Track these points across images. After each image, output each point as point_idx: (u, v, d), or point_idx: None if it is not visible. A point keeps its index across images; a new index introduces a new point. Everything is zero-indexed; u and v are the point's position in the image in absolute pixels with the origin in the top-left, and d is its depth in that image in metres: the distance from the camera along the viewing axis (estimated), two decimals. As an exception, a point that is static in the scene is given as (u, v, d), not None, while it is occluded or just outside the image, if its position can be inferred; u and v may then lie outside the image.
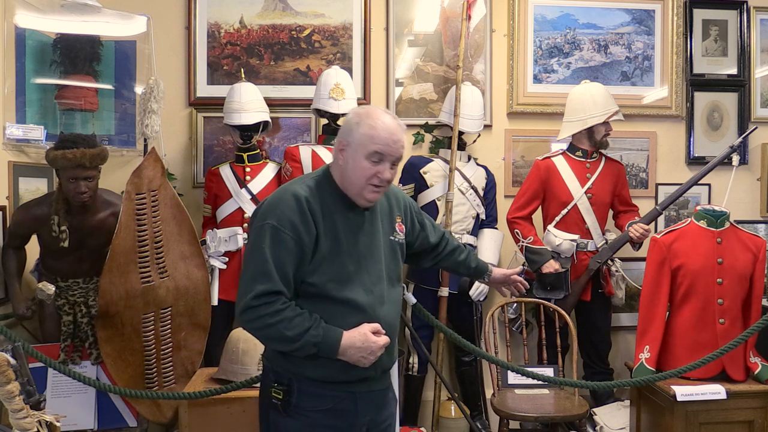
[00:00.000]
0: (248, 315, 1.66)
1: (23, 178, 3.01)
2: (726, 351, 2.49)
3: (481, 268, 2.22)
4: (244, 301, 1.66)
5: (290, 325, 1.65)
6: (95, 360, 2.88)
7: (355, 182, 1.75)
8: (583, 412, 2.79)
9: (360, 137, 1.73)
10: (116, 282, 2.80)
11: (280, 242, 1.67)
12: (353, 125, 1.75)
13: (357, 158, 1.73)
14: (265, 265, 1.66)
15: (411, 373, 3.30)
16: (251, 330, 1.72)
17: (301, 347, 1.66)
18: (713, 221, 2.69)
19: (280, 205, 1.71)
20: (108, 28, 3.28)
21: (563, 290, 3.21)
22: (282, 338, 1.66)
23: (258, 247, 1.68)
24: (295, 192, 1.72)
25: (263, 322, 1.65)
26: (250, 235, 1.75)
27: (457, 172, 3.30)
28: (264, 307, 1.64)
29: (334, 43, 3.63)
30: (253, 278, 1.66)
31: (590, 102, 3.27)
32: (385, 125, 1.73)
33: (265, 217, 1.70)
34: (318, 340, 1.66)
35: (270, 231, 1.67)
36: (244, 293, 1.67)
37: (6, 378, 1.46)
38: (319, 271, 1.72)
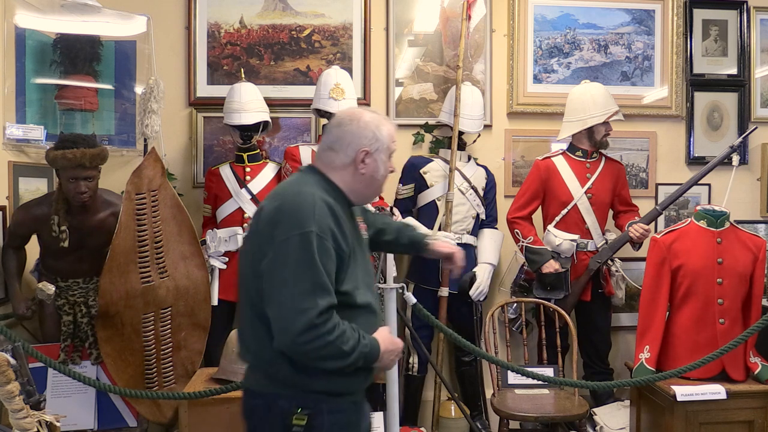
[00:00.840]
0: (310, 335, 1.53)
1: (23, 178, 3.01)
2: (726, 351, 2.49)
3: (418, 242, 2.17)
4: (305, 319, 1.53)
5: (345, 338, 1.58)
6: (95, 360, 2.88)
7: (378, 183, 1.78)
8: (583, 412, 2.80)
9: (386, 138, 1.75)
10: (116, 282, 2.80)
11: (324, 251, 1.58)
12: (374, 130, 1.74)
13: (385, 161, 1.77)
14: (322, 277, 1.56)
15: (411, 373, 3.30)
16: (310, 350, 1.55)
17: (354, 360, 1.60)
18: (713, 221, 2.70)
19: (317, 211, 1.61)
20: (108, 28, 3.27)
21: (563, 290, 3.21)
22: (339, 354, 1.57)
23: (310, 257, 1.56)
24: (323, 198, 1.65)
25: (324, 340, 1.54)
26: (288, 243, 1.57)
27: (457, 172, 3.30)
28: (326, 323, 1.55)
29: (334, 43, 3.63)
30: (313, 292, 1.54)
31: (590, 102, 3.27)
32: (391, 123, 1.81)
33: (305, 225, 1.58)
34: (367, 350, 1.63)
35: (316, 240, 1.57)
36: (303, 311, 1.53)
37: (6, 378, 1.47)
38: (349, 277, 1.66)
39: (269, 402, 1.66)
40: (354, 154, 1.73)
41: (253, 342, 1.68)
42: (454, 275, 2.27)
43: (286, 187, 1.76)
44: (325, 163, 1.77)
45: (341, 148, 1.75)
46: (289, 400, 1.63)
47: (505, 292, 3.56)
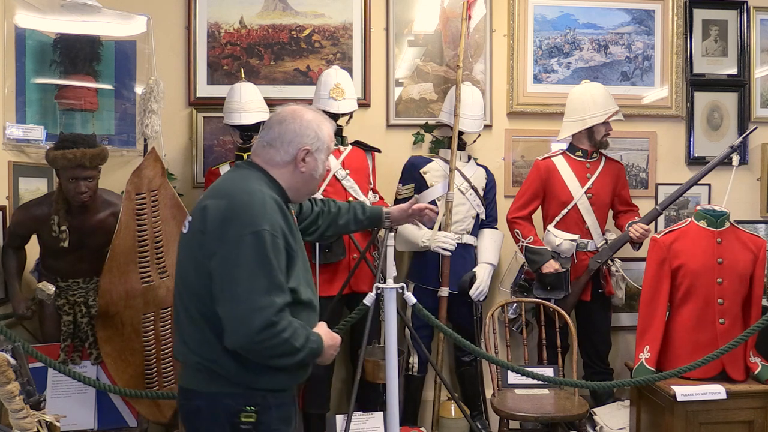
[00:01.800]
0: (269, 332, 1.54)
1: (23, 178, 3.01)
2: (726, 351, 2.49)
3: (376, 217, 2.26)
4: (263, 317, 1.53)
5: (297, 335, 1.60)
6: (95, 360, 2.88)
7: (315, 183, 1.82)
8: (583, 412, 2.80)
9: (326, 139, 1.80)
10: (116, 282, 2.80)
11: (277, 249, 1.60)
12: (315, 130, 1.77)
13: (324, 160, 1.81)
14: (277, 275, 1.58)
15: (411, 373, 3.30)
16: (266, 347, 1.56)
17: (303, 357, 1.63)
18: (713, 221, 2.70)
19: (268, 209, 1.62)
20: (108, 28, 3.27)
21: (563, 290, 3.21)
22: (292, 351, 1.60)
23: (264, 256, 1.57)
24: (272, 195, 1.67)
25: (281, 338, 1.56)
26: (241, 242, 1.57)
27: (457, 172, 3.30)
28: (283, 322, 1.57)
29: (334, 43, 3.63)
30: (269, 291, 1.56)
31: (590, 102, 3.27)
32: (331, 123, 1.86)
33: (257, 223, 1.59)
34: (315, 347, 1.66)
35: (269, 238, 1.59)
36: (260, 309, 1.54)
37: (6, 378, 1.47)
38: (293, 276, 1.68)
39: (213, 402, 1.65)
40: (295, 152, 1.75)
41: (194, 341, 1.67)
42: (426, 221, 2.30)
43: (231, 184, 1.72)
44: (265, 160, 1.77)
45: (282, 146, 1.75)
46: (235, 398, 1.63)
47: (505, 292, 3.56)
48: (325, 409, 3.24)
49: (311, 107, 1.87)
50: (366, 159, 3.33)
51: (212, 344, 1.62)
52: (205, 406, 1.65)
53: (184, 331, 1.71)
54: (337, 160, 3.18)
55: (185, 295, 1.69)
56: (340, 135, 3.28)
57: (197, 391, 1.67)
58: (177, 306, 1.73)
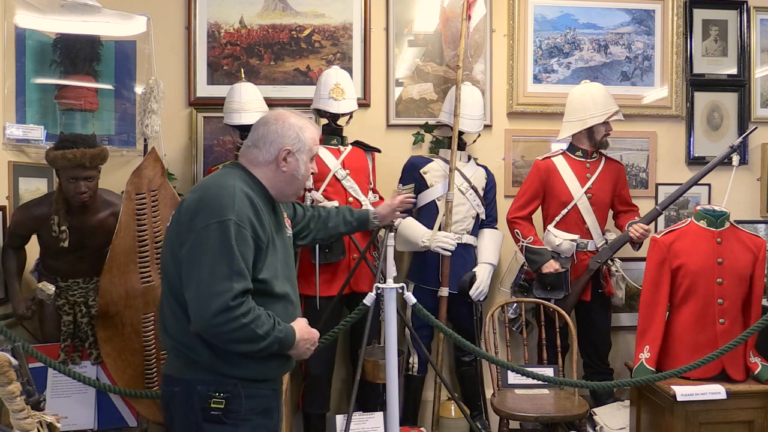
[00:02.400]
0: (223, 317, 1.60)
1: (23, 178, 3.01)
2: (726, 351, 2.49)
3: (363, 218, 2.37)
4: (219, 301, 1.60)
5: (260, 323, 1.66)
6: (95, 360, 2.88)
7: (299, 184, 1.89)
8: (583, 412, 2.80)
9: (308, 141, 1.87)
10: (116, 282, 2.80)
11: (242, 239, 1.67)
12: (297, 132, 1.86)
13: (306, 162, 1.88)
14: (239, 263, 1.65)
15: (411, 373, 3.30)
16: (223, 332, 1.63)
17: (268, 345, 1.68)
18: (713, 221, 2.70)
19: (236, 202, 1.70)
20: (108, 28, 3.27)
21: (563, 290, 3.21)
22: (253, 338, 1.65)
23: (227, 244, 1.65)
24: (243, 189, 1.75)
25: (238, 323, 1.62)
26: (207, 231, 1.66)
27: (457, 172, 3.30)
28: (240, 306, 1.63)
29: (334, 43, 3.63)
30: (229, 277, 1.63)
31: (590, 102, 3.27)
32: (316, 127, 1.95)
33: (223, 213, 1.67)
34: (282, 336, 1.71)
35: (234, 227, 1.66)
36: (218, 294, 1.60)
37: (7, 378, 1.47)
38: (265, 268, 1.75)
39: (188, 387, 1.72)
40: (276, 152, 1.84)
41: (173, 327, 1.75)
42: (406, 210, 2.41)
43: (209, 180, 1.86)
44: (249, 160, 1.87)
45: (264, 146, 1.85)
46: (207, 385, 1.70)
47: (505, 292, 3.56)
48: (325, 409, 3.24)
49: (298, 113, 1.95)
50: (366, 159, 3.33)
51: (186, 330, 1.70)
52: (181, 391, 1.73)
53: (165, 319, 1.79)
54: (337, 160, 3.18)
55: (165, 285, 1.79)
56: (340, 135, 3.28)
57: (175, 377, 1.76)
58: (161, 297, 1.82)
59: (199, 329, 1.65)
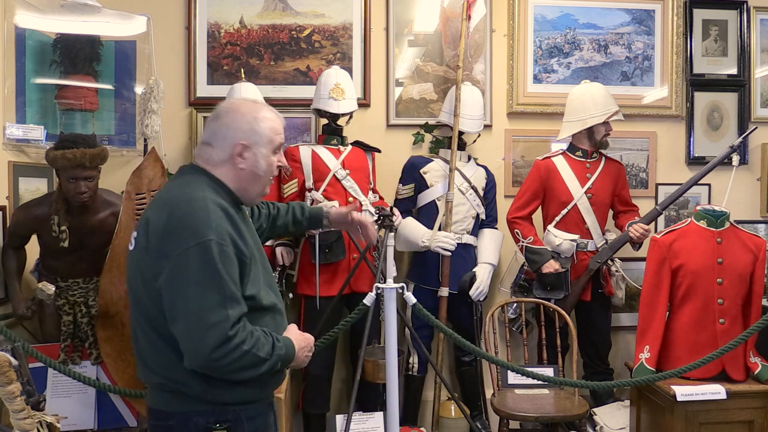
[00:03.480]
0: (225, 348, 1.46)
1: (23, 178, 3.01)
2: (726, 351, 2.49)
3: (316, 216, 2.19)
4: (218, 333, 1.45)
5: (260, 345, 1.52)
6: (95, 360, 2.88)
7: (263, 182, 1.68)
8: (583, 412, 2.80)
9: (265, 131, 1.65)
10: (116, 282, 2.80)
11: (227, 259, 1.50)
12: (251, 123, 1.65)
13: (267, 155, 1.66)
14: (229, 286, 1.49)
15: (411, 373, 3.30)
16: (225, 364, 1.48)
17: (272, 366, 1.56)
18: (713, 221, 2.70)
19: (212, 217, 1.51)
20: (108, 28, 3.27)
21: (563, 290, 3.21)
22: (256, 363, 1.52)
23: (212, 267, 1.47)
24: (215, 200, 1.56)
25: (240, 351, 1.48)
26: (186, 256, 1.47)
27: (457, 172, 3.30)
28: (239, 334, 1.48)
29: (334, 43, 3.63)
30: (222, 304, 1.46)
31: (590, 102, 3.27)
32: (275, 114, 1.70)
33: (201, 233, 1.48)
34: (283, 353, 1.58)
35: (216, 248, 1.48)
36: (215, 325, 1.45)
37: (8, 378, 1.46)
38: (251, 282, 1.59)
39: (185, 420, 1.57)
40: (231, 148, 1.64)
41: (157, 363, 1.59)
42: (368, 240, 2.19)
43: (172, 192, 1.62)
44: (205, 160, 1.67)
45: (217, 143, 1.65)
46: (205, 416, 1.56)
47: (505, 292, 3.56)
48: (325, 409, 3.24)
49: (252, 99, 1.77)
50: (366, 159, 3.33)
51: (175, 365, 1.54)
52: (176, 425, 1.58)
53: (144, 354, 1.61)
54: (337, 160, 3.18)
55: (140, 317, 1.59)
56: (340, 135, 3.28)
57: (167, 411, 1.60)
58: (134, 327, 1.63)
59: (197, 366, 1.49)
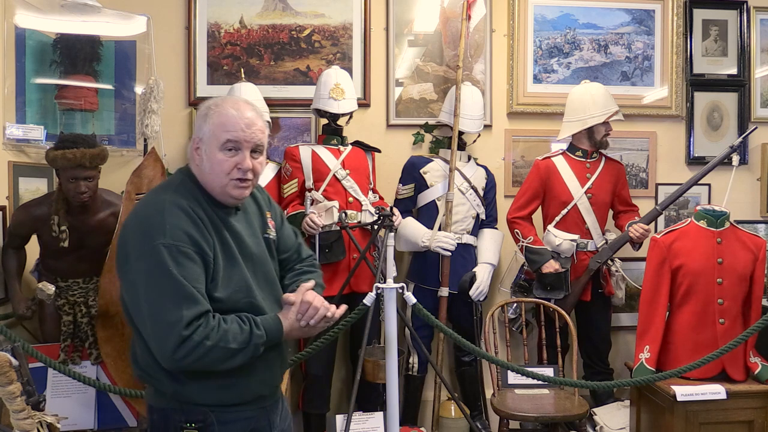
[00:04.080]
0: (184, 349, 1.44)
1: (23, 178, 3.01)
2: (726, 351, 2.49)
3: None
4: (173, 335, 1.43)
5: (230, 336, 1.50)
6: (95, 360, 2.88)
7: (217, 179, 1.59)
8: (583, 412, 2.80)
9: (211, 128, 1.58)
10: (116, 282, 2.77)
11: (183, 258, 1.48)
12: (202, 119, 1.61)
13: (212, 152, 1.58)
14: (182, 287, 1.46)
15: (411, 373, 3.30)
16: (191, 363, 1.47)
17: (252, 353, 1.54)
18: (713, 221, 2.70)
19: (167, 219, 1.49)
20: (108, 28, 3.27)
21: (563, 290, 3.21)
22: (228, 354, 1.50)
23: (163, 271, 1.45)
24: (175, 201, 1.53)
25: (204, 348, 1.46)
26: (139, 263, 1.48)
27: (457, 172, 3.30)
28: (199, 331, 1.45)
29: (334, 43, 3.63)
30: (177, 305, 1.44)
31: (590, 102, 3.27)
32: (237, 111, 1.59)
33: (152, 238, 1.47)
34: (264, 339, 1.55)
35: (167, 250, 1.46)
36: (170, 327, 1.43)
37: (8, 379, 1.46)
38: (222, 283, 1.56)
39: (163, 416, 1.60)
40: (191, 147, 1.63)
41: (140, 358, 1.60)
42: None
43: (146, 197, 1.64)
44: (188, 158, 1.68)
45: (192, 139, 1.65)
46: (178, 413, 1.57)
47: (505, 292, 3.56)
48: (325, 409, 3.24)
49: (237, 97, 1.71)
50: (366, 159, 3.33)
51: (151, 362, 1.55)
52: (157, 420, 1.61)
53: (133, 348, 1.65)
54: (337, 160, 3.18)
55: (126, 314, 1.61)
56: (340, 135, 3.28)
57: (151, 405, 1.63)
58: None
59: (167, 367, 1.51)
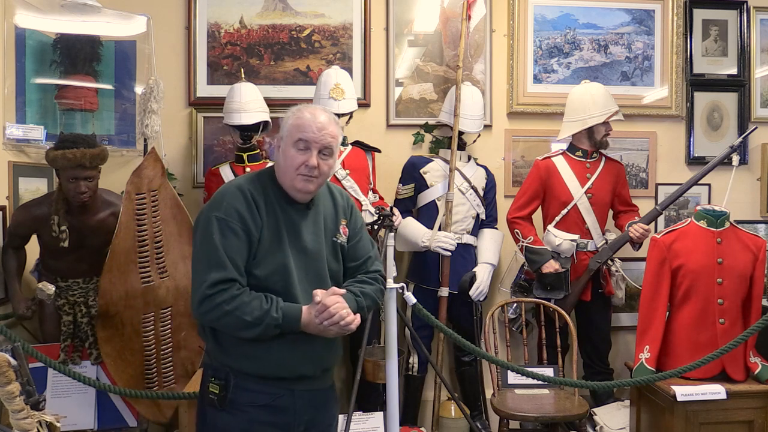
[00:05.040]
0: (206, 305, 1.67)
1: (23, 178, 3.01)
2: (726, 351, 2.49)
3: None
4: (200, 291, 1.67)
5: (248, 309, 1.67)
6: (95, 360, 2.88)
7: (287, 173, 1.80)
8: (583, 412, 2.80)
9: (289, 128, 1.82)
10: (116, 282, 2.80)
11: (229, 231, 1.71)
12: (285, 121, 1.85)
13: (286, 149, 1.81)
14: (217, 253, 1.69)
15: (411, 373, 3.30)
16: (210, 320, 1.70)
17: (264, 331, 1.68)
18: (713, 221, 2.70)
19: (226, 197, 1.76)
20: (108, 28, 3.27)
21: (563, 290, 3.21)
22: (242, 324, 1.67)
23: (208, 238, 1.71)
24: (239, 184, 1.80)
25: (221, 310, 1.66)
26: (197, 229, 1.76)
27: (457, 172, 3.30)
28: (219, 294, 1.66)
29: (334, 43, 3.63)
30: (208, 269, 1.68)
31: (590, 102, 3.27)
32: (312, 115, 1.81)
33: (211, 210, 1.74)
34: (278, 323, 1.69)
35: (217, 222, 1.72)
36: (199, 284, 1.68)
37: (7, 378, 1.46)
38: (263, 263, 1.75)
39: (205, 369, 1.84)
40: (275, 143, 1.88)
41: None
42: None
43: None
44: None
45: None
46: (211, 369, 1.79)
47: (505, 292, 3.56)
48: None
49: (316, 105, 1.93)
50: (366, 159, 3.33)
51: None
52: (204, 371, 1.85)
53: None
54: (337, 160, 3.18)
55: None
56: (340, 135, 3.28)
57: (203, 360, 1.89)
58: None
59: (196, 318, 1.76)
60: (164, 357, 2.93)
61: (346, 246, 1.93)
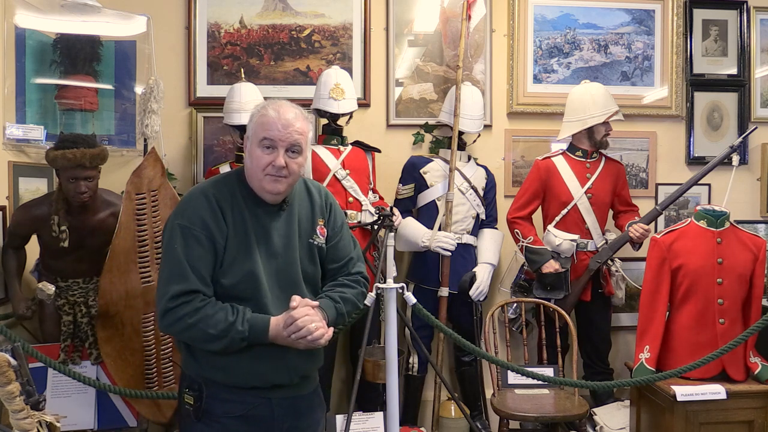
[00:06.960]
0: (168, 318, 1.62)
1: (23, 178, 3.01)
2: (726, 351, 2.49)
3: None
4: (161, 304, 1.63)
5: (212, 321, 1.61)
6: (95, 360, 2.88)
7: (255, 174, 1.72)
8: (583, 412, 2.80)
9: (254, 127, 1.73)
10: (116, 282, 2.80)
11: (192, 240, 1.65)
12: (250, 119, 1.76)
13: (253, 149, 1.72)
14: (179, 265, 1.63)
15: (411, 373, 3.30)
16: (174, 333, 1.67)
17: (229, 344, 1.62)
18: (713, 221, 2.70)
19: (190, 204, 1.70)
20: (108, 28, 3.27)
21: (563, 290, 3.21)
22: (207, 337, 1.62)
23: (170, 248, 1.65)
24: (203, 189, 1.73)
25: (184, 323, 1.61)
26: (163, 238, 1.72)
27: (457, 172, 3.30)
28: (181, 307, 1.61)
29: (334, 43, 3.63)
30: (168, 280, 1.63)
31: (590, 102, 3.27)
32: (276, 112, 1.71)
33: (175, 218, 1.69)
34: (244, 336, 1.63)
35: (180, 230, 1.66)
36: (161, 297, 1.63)
37: (7, 378, 1.46)
38: (230, 271, 1.68)
39: (181, 379, 1.81)
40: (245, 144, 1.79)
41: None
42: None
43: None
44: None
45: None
46: (187, 379, 1.75)
47: (505, 292, 3.56)
48: (325, 409, 3.23)
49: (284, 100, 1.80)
50: (366, 159, 3.33)
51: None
52: (180, 379, 1.82)
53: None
54: (337, 160, 3.18)
55: None
56: (340, 135, 3.28)
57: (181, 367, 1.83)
58: None
59: (162, 330, 1.74)
60: (164, 357, 2.93)
61: (324, 247, 1.84)
